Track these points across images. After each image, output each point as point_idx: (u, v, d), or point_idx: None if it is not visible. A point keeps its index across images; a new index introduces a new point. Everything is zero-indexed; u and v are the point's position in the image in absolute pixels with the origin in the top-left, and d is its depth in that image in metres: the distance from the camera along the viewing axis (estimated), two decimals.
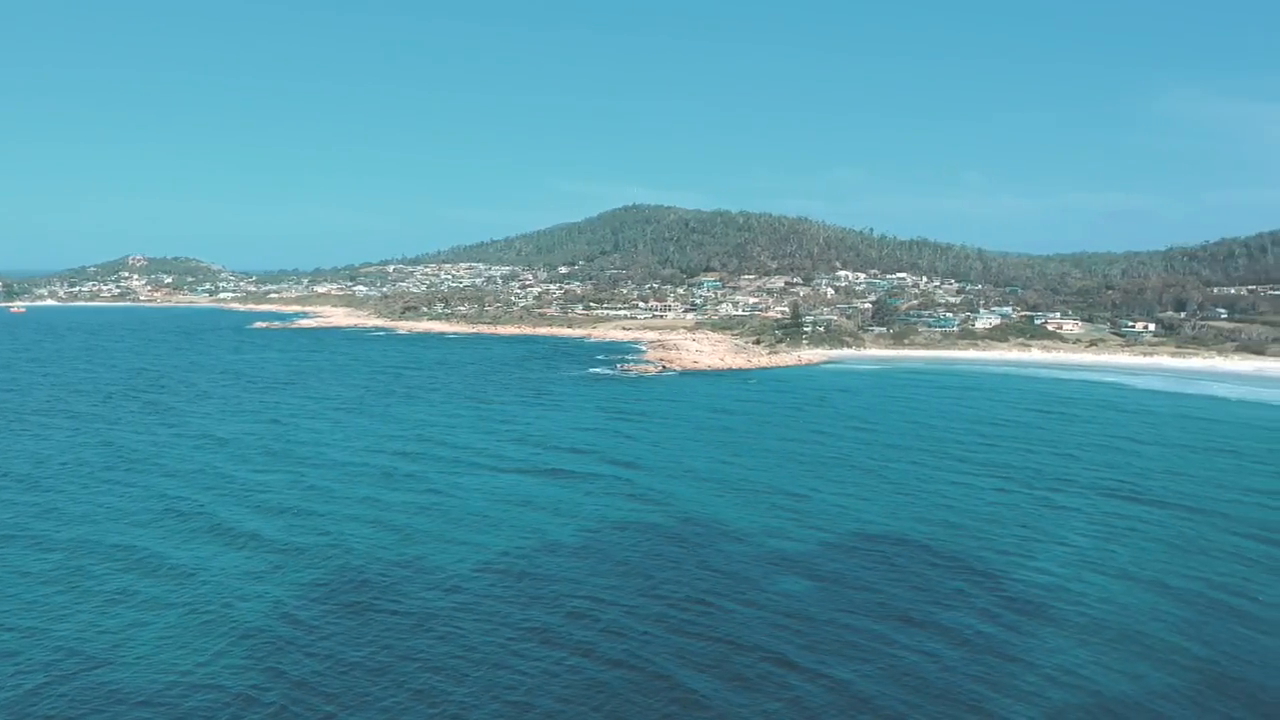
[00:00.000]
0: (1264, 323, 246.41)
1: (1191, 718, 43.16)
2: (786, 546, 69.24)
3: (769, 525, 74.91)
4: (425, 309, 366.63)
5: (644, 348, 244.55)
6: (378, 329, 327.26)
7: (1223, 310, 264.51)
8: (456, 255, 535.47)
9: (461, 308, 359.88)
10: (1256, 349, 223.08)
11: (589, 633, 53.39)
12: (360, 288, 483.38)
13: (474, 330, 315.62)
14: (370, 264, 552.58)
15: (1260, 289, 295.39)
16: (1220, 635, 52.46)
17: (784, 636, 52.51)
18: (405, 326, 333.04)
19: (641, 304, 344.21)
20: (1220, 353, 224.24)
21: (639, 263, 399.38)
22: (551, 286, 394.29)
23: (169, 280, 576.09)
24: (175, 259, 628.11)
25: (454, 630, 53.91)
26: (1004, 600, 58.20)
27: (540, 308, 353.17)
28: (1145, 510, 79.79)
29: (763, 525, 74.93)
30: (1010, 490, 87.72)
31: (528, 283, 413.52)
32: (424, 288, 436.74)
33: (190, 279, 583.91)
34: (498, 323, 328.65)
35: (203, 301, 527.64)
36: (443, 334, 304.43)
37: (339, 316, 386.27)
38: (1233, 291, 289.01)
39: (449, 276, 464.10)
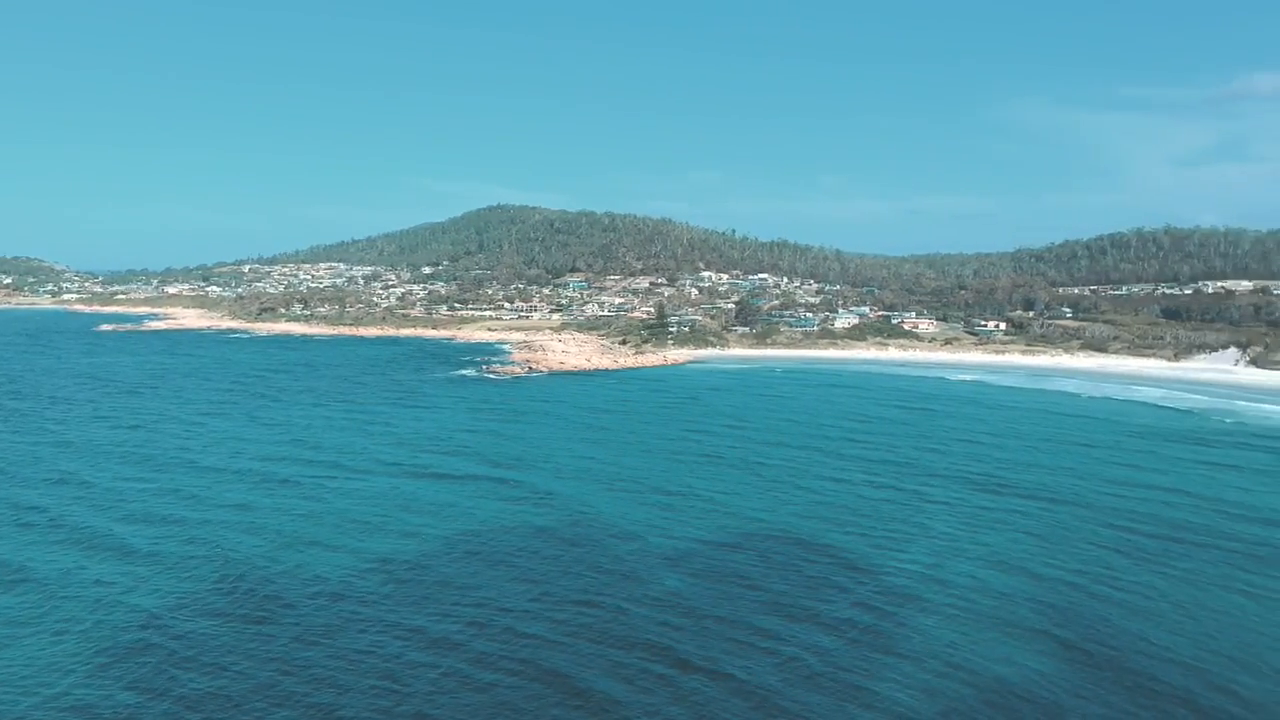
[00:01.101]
0: (1105, 321, 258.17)
1: (1060, 697, 44.44)
2: (671, 544, 69.36)
3: (653, 523, 74.95)
4: (283, 310, 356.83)
5: (510, 349, 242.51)
6: (232, 331, 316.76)
7: (1068, 309, 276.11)
8: (316, 255, 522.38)
9: (322, 309, 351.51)
10: (1099, 346, 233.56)
11: (480, 638, 52.47)
12: (214, 288, 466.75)
13: (335, 332, 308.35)
14: (225, 264, 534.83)
15: (1101, 289, 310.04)
16: (1084, 618, 54.38)
17: (674, 634, 52.59)
18: (262, 328, 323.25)
19: (507, 305, 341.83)
20: (1067, 350, 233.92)
21: (504, 263, 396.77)
22: (415, 287, 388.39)
23: (8, 281, 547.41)
24: (15, 259, 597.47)
25: (340, 640, 52.27)
26: (881, 591, 59.42)
27: (404, 309, 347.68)
28: (1010, 501, 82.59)
29: (646, 523, 74.95)
30: (882, 484, 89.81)
31: (391, 283, 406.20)
32: (282, 288, 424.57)
33: (31, 279, 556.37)
34: (360, 324, 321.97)
35: (45, 303, 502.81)
36: (302, 336, 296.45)
37: (191, 318, 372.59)
38: (1076, 291, 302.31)
39: (308, 277, 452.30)
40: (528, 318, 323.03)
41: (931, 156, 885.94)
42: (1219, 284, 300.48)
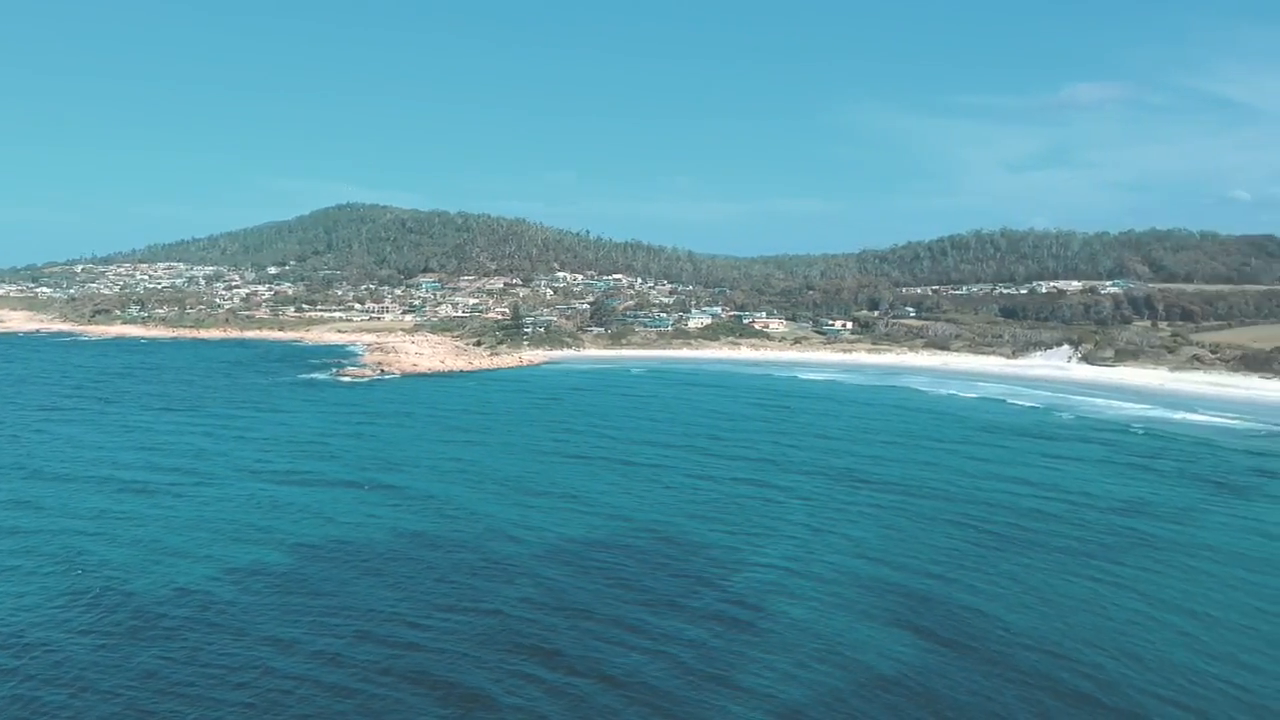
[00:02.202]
0: (947, 320, 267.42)
1: (928, 682, 45.39)
2: (542, 544, 68.51)
3: (523, 523, 73.75)
4: (119, 312, 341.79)
5: (361, 350, 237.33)
6: (63, 333, 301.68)
7: (911, 309, 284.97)
8: (154, 255, 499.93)
9: (160, 310, 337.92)
10: (942, 345, 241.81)
11: (355, 647, 50.50)
12: (44, 289, 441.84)
13: (174, 334, 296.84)
14: (56, 263, 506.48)
15: (942, 289, 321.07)
16: (946, 606, 55.73)
17: (551, 635, 51.83)
18: (96, 330, 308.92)
19: (358, 305, 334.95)
20: (911, 349, 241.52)
21: (354, 263, 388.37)
22: (260, 288, 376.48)
23: None
24: None
25: (208, 655, 49.42)
26: (750, 584, 59.87)
27: (248, 310, 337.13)
28: (870, 494, 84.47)
29: (517, 524, 73.72)
30: (746, 480, 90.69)
31: (234, 284, 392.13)
32: (117, 289, 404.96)
33: None
34: (201, 326, 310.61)
35: None
36: (140, 339, 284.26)
37: (18, 320, 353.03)
38: (919, 291, 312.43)
39: (145, 277, 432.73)
40: (379, 319, 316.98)
41: (779, 159, 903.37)
42: (1052, 284, 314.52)
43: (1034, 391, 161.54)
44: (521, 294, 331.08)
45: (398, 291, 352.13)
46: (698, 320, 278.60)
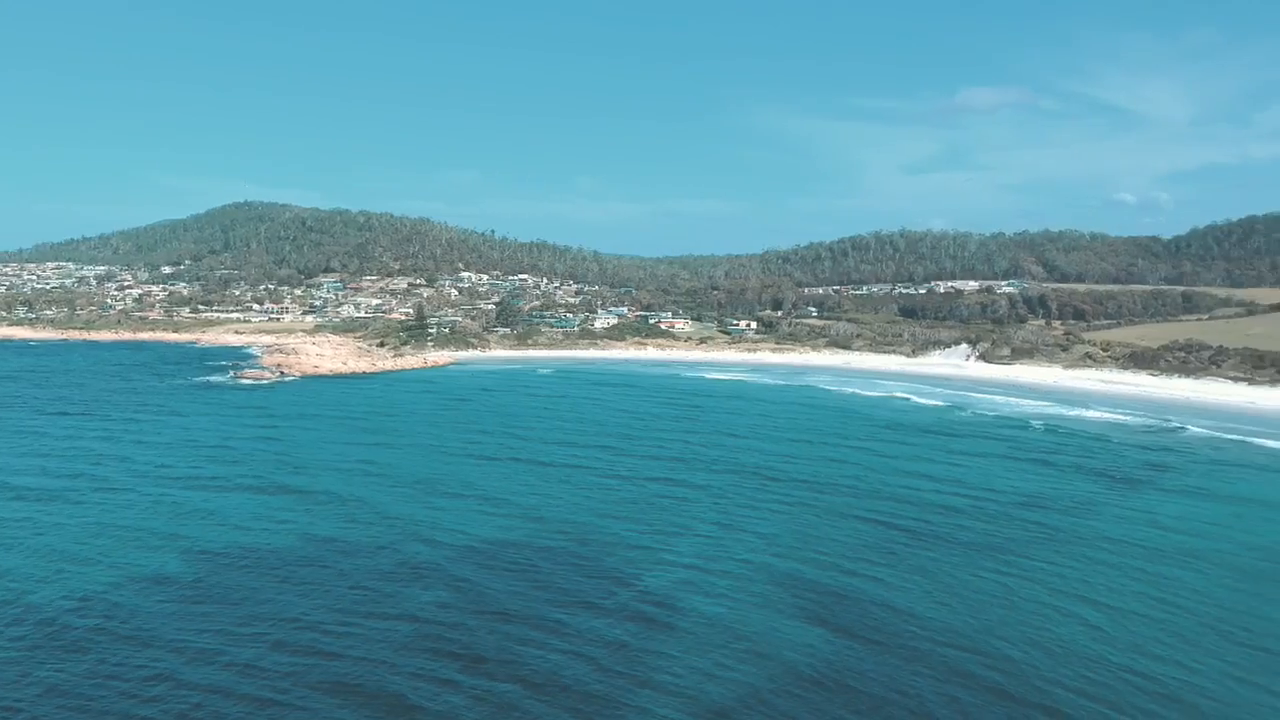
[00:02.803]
0: (849, 319, 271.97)
1: (844, 677, 45.96)
2: (455, 545, 67.57)
3: (435, 524, 72.62)
4: (4, 313, 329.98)
5: (259, 352, 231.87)
6: None
7: (814, 309, 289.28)
8: (41, 254, 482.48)
9: (49, 311, 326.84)
10: (844, 344, 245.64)
11: (269, 655, 49.10)
12: None
13: (63, 336, 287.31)
14: None
15: (844, 289, 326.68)
16: (858, 599, 56.57)
17: (467, 636, 51.19)
18: None
19: (256, 306, 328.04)
20: (815, 348, 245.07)
21: (253, 263, 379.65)
22: (154, 288, 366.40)
23: None
24: None
25: (119, 666, 47.62)
26: (664, 581, 59.99)
27: (142, 311, 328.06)
28: (781, 491, 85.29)
29: (429, 525, 72.60)
30: (657, 478, 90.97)
31: (127, 284, 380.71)
32: (3, 289, 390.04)
33: None
34: (91, 327, 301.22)
35: None
36: (27, 340, 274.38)
37: None
38: (821, 291, 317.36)
39: (33, 277, 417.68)
40: (279, 320, 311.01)
41: (682, 160, 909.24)
42: (949, 284, 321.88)
43: (935, 389, 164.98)
44: (425, 294, 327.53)
45: (298, 292, 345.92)
46: (604, 320, 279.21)
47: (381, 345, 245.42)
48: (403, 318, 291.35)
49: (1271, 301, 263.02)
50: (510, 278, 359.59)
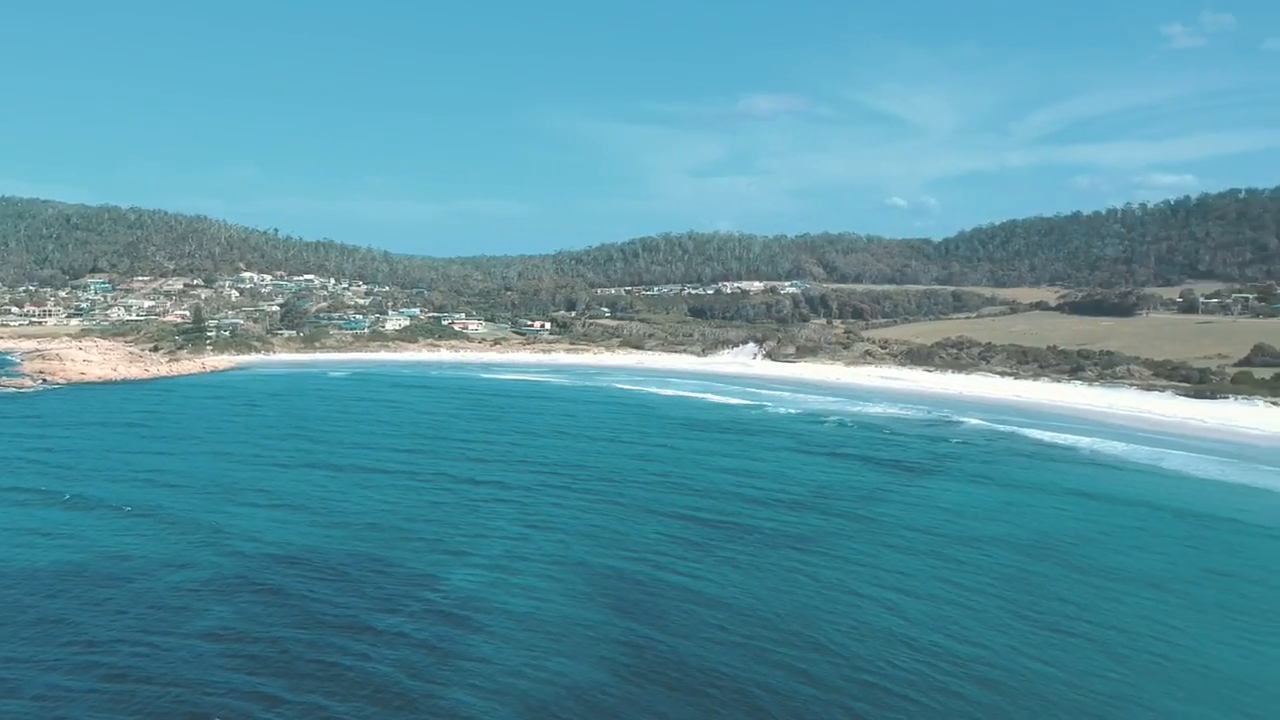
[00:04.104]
0: (641, 320, 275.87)
1: (642, 687, 46.09)
2: (252, 557, 64.28)
3: (232, 536, 68.87)
4: None
5: (18, 359, 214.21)
6: None
7: (607, 309, 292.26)
8: None
9: None
10: (637, 344, 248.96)
11: (71, 677, 45.22)
12: None
13: None
14: None
15: (636, 289, 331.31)
16: (661, 605, 56.72)
17: (274, 654, 48.58)
18: None
19: (15, 309, 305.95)
20: (608, 348, 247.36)
21: (11, 262, 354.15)
22: None
23: None
24: None
25: None
26: (461, 594, 58.28)
27: None
28: (583, 495, 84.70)
29: (224, 537, 68.73)
30: (459, 478, 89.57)
31: None
32: None
33: None
34: None
35: None
36: None
37: None
38: (614, 292, 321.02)
39: None
40: (41, 323, 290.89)
41: (474, 160, 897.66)
42: (736, 284, 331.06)
43: (727, 387, 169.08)
44: (203, 296, 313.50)
45: (62, 294, 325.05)
46: (395, 322, 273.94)
47: (156, 349, 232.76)
48: (179, 320, 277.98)
49: (1032, 300, 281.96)
50: (296, 278, 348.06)
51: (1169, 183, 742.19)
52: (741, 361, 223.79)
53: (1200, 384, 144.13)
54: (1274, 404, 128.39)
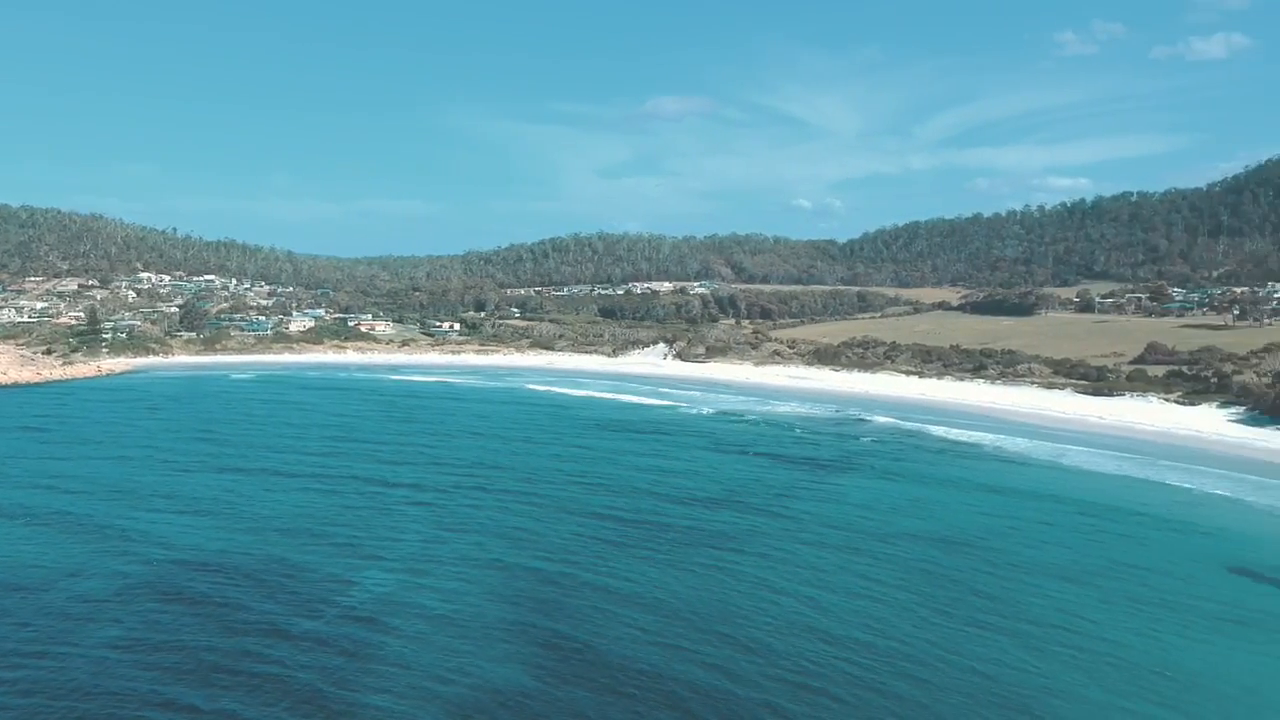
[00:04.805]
0: (551, 320, 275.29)
1: (561, 688, 45.70)
2: (146, 569, 62.06)
3: (124, 543, 66.53)
4: None
5: None
6: None
7: (516, 310, 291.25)
8: None
9: None
10: (547, 344, 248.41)
11: None
12: None
13: None
14: None
15: (545, 290, 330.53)
16: (577, 607, 56.22)
17: (167, 677, 46.75)
18: None
19: None
20: (519, 349, 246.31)
21: None
22: None
23: None
24: None
25: None
26: (376, 599, 57.05)
27: None
28: (498, 491, 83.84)
29: (115, 546, 66.35)
30: (370, 480, 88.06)
31: None
32: None
33: None
34: None
35: None
36: None
37: None
38: (523, 292, 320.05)
39: None
40: None
41: (379, 159, 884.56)
42: (646, 285, 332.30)
43: (638, 387, 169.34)
44: (99, 297, 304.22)
45: None
46: (300, 323, 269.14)
47: (49, 352, 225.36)
48: (73, 322, 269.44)
49: (935, 300, 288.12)
50: (196, 279, 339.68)
51: (1065, 185, 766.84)
52: (652, 362, 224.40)
53: (1098, 382, 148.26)
54: (1166, 401, 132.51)
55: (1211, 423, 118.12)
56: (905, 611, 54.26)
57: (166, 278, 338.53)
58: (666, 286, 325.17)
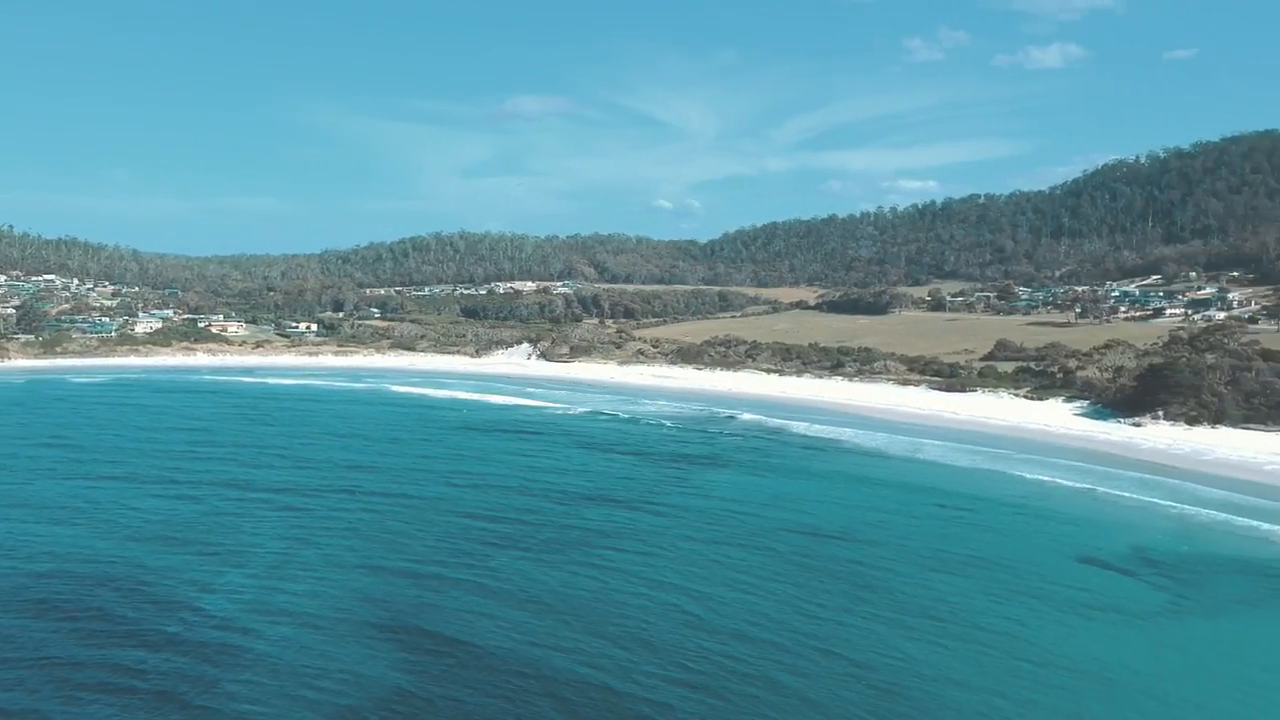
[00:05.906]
0: (412, 320, 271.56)
1: (450, 691, 45.05)
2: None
3: None
4: None
5: None
6: None
7: (376, 310, 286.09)
8: None
9: None
10: (409, 345, 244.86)
11: None
12: None
13: None
14: None
15: (406, 290, 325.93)
16: (452, 608, 55.25)
17: (24, 687, 44.41)
18: None
19: None
20: (379, 350, 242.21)
21: None
22: None
23: None
24: None
25: None
26: (243, 605, 55.03)
27: None
28: (362, 494, 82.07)
29: None
30: (227, 484, 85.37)
31: None
32: None
33: None
34: None
35: None
36: None
37: None
38: (383, 292, 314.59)
39: None
40: None
41: (228, 154, 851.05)
42: (509, 285, 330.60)
43: (503, 387, 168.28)
44: None
45: None
46: (147, 324, 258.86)
47: None
48: None
49: (793, 299, 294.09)
50: (34, 278, 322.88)
51: (915, 188, 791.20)
52: (516, 362, 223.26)
53: (951, 378, 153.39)
54: (1017, 396, 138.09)
55: (1059, 416, 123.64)
56: (782, 603, 55.16)
57: (2, 277, 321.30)
58: (530, 286, 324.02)
